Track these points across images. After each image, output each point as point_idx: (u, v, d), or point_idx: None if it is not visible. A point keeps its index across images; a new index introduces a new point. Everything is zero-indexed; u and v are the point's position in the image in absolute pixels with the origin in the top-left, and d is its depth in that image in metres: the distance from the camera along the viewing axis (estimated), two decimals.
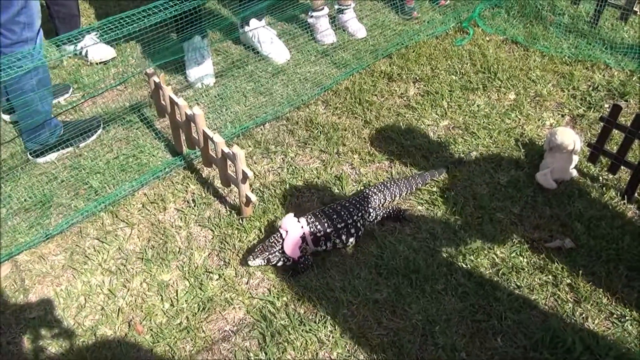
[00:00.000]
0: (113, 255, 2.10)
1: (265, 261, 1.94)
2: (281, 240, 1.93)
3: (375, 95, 2.82)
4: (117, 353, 1.79)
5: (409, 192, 2.24)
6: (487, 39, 3.18)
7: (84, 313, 1.92)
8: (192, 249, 2.10)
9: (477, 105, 2.69)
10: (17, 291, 2.01)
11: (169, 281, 2.00)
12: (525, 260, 1.97)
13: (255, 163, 2.46)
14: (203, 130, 2.13)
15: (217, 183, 2.36)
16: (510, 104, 2.69)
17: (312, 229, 1.95)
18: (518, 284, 1.90)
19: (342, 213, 2.00)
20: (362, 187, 2.27)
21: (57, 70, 3.16)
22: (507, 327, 1.77)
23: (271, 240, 1.95)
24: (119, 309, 1.92)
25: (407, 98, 2.79)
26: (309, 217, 1.99)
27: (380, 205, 2.15)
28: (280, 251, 1.94)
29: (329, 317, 1.84)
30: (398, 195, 2.20)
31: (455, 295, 1.87)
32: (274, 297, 1.91)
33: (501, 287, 1.89)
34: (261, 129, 2.66)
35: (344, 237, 2.00)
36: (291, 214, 1.99)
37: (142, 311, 1.91)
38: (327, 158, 2.46)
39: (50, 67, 3.17)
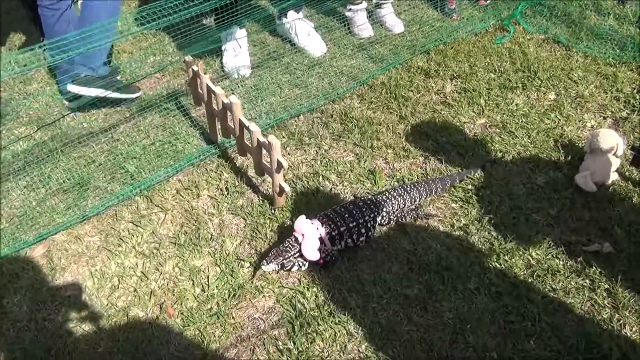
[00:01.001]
0: (147, 239, 2.13)
1: (279, 266, 1.90)
2: (296, 245, 1.89)
3: (411, 90, 2.79)
4: (148, 334, 1.81)
5: (429, 196, 2.18)
6: (528, 37, 3.12)
7: (117, 294, 1.96)
8: (224, 237, 2.12)
9: (516, 104, 2.64)
10: (54, 269, 2.05)
11: (201, 267, 2.01)
12: (561, 263, 1.93)
13: (288, 154, 2.46)
14: (239, 119, 2.14)
15: (251, 172, 2.38)
16: (550, 104, 2.63)
17: (327, 229, 1.92)
18: (553, 286, 1.86)
19: (354, 212, 1.96)
20: (382, 190, 2.21)
21: None
22: (541, 330, 1.74)
23: (286, 245, 1.90)
24: (151, 292, 1.94)
25: (444, 95, 2.76)
26: (321, 217, 1.96)
27: (399, 209, 2.10)
28: (295, 256, 1.90)
29: (358, 310, 1.83)
30: (418, 199, 2.14)
31: (488, 294, 1.84)
32: (304, 287, 1.91)
33: (535, 289, 1.85)
34: (295, 121, 2.66)
35: (355, 237, 1.96)
36: (303, 216, 1.94)
37: (173, 295, 1.93)
38: (361, 152, 2.45)
39: None
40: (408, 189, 2.12)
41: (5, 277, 2.02)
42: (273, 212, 2.18)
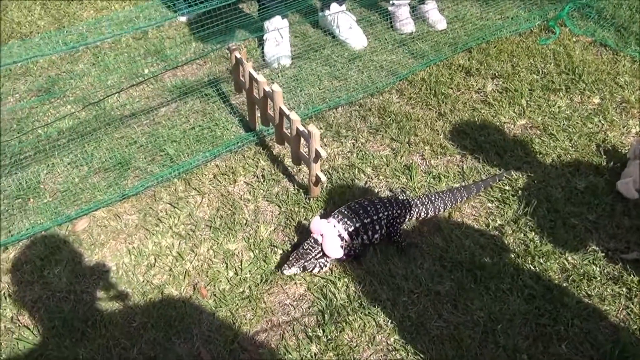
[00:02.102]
0: (183, 221, 2.18)
1: (302, 269, 1.90)
2: (316, 246, 1.89)
3: (451, 88, 2.77)
4: (181, 313, 1.86)
5: (452, 206, 2.13)
6: (574, 39, 3.06)
7: (152, 272, 2.01)
8: (258, 223, 2.15)
9: (558, 107, 2.59)
10: (93, 244, 2.12)
11: (235, 251, 2.05)
12: (598, 269, 1.90)
13: (325, 145, 2.47)
14: (280, 108, 2.16)
15: (287, 161, 2.40)
16: (594, 108, 2.58)
17: (343, 226, 1.92)
18: (589, 292, 1.83)
19: (369, 209, 1.96)
20: (407, 194, 2.19)
21: (142, 40, 3.28)
22: (574, 335, 1.71)
23: (305, 247, 1.89)
24: (185, 272, 1.99)
25: (485, 94, 2.72)
26: (336, 215, 1.95)
27: (418, 217, 2.08)
28: (317, 257, 1.89)
29: (388, 303, 1.83)
30: (442, 209, 2.10)
31: (520, 296, 1.83)
32: (335, 277, 1.92)
33: (570, 293, 1.83)
34: (333, 113, 2.67)
35: (370, 233, 1.96)
36: (317, 217, 1.94)
37: (207, 276, 1.97)
38: (398, 147, 2.44)
39: (137, 38, 3.31)
40: (433, 198, 2.09)
41: (47, 249, 2.09)
42: (308, 201, 2.20)
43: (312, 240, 1.90)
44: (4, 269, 2.04)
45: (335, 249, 1.88)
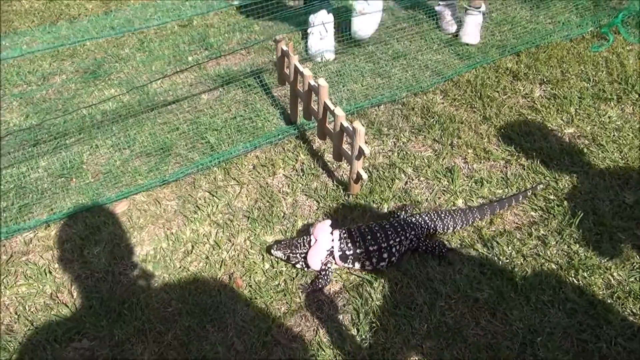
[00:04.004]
0: (221, 210, 2.19)
1: (285, 257, 1.90)
2: (307, 246, 1.87)
3: (497, 91, 2.71)
4: (216, 301, 1.86)
5: (464, 225, 2.03)
6: (628, 48, 2.96)
7: (189, 258, 2.02)
8: (296, 216, 2.14)
9: (609, 117, 2.51)
10: (132, 227, 2.14)
11: (272, 243, 2.05)
12: None
13: (366, 143, 2.44)
14: (325, 102, 2.14)
15: (327, 157, 2.38)
16: None
17: (342, 246, 1.87)
18: (634, 310, 1.76)
19: (378, 235, 1.87)
20: (414, 214, 2.05)
21: (187, 28, 3.30)
22: (617, 354, 1.66)
23: (299, 241, 1.90)
24: (222, 261, 1.99)
25: (532, 99, 2.66)
26: (343, 232, 1.90)
27: (428, 235, 1.99)
28: (302, 255, 1.88)
29: (425, 307, 1.80)
30: (452, 228, 2.01)
31: (562, 309, 1.78)
32: (371, 277, 1.90)
33: (614, 310, 1.77)
34: (375, 110, 2.64)
35: (374, 260, 1.87)
36: (328, 222, 1.90)
37: (243, 267, 1.97)
38: (440, 148, 2.40)
39: (182, 25, 3.33)
40: (443, 216, 2.00)
41: (87, 229, 2.12)
42: (347, 198, 2.18)
43: (307, 239, 1.90)
44: (45, 245, 2.08)
45: (315, 261, 1.85)
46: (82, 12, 3.66)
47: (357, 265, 1.91)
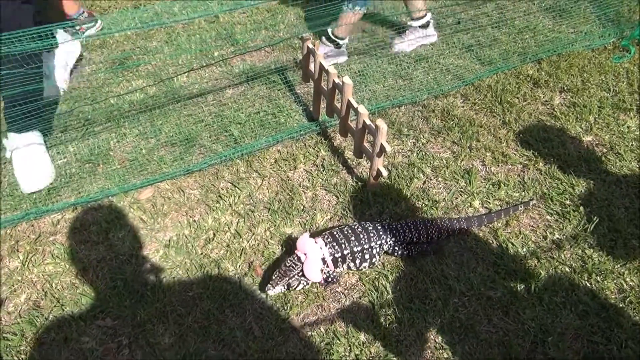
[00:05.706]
0: (243, 200, 2.25)
1: (286, 287, 1.85)
2: (299, 264, 1.84)
3: (517, 97, 2.74)
4: (235, 288, 1.92)
5: (448, 235, 2.04)
6: None
7: (210, 246, 2.08)
8: (315, 210, 2.19)
9: (628, 127, 2.54)
10: (156, 214, 2.20)
11: (291, 234, 2.10)
12: None
13: (387, 142, 2.49)
14: (348, 100, 2.19)
15: (348, 154, 2.43)
16: None
17: (330, 250, 1.87)
18: None
19: (361, 236, 1.89)
20: (398, 220, 2.09)
21: (214, 24, 3.37)
22: (627, 357, 1.69)
23: (288, 264, 1.85)
24: (242, 249, 2.05)
25: (552, 106, 2.69)
26: (326, 236, 1.90)
27: (410, 241, 1.98)
28: (300, 274, 1.85)
29: (439, 302, 1.85)
30: (436, 237, 2.02)
31: (574, 311, 1.81)
32: (387, 271, 1.95)
33: (626, 315, 1.80)
34: (396, 111, 2.69)
35: (357, 261, 1.90)
36: (307, 234, 1.89)
37: (262, 256, 2.03)
38: (459, 150, 2.44)
39: (209, 21, 3.40)
40: (427, 224, 2.01)
41: (113, 213, 2.20)
42: (365, 194, 2.23)
43: (295, 258, 1.86)
44: (72, 227, 2.15)
45: (314, 273, 1.84)
46: (112, 5, 3.74)
47: (345, 267, 1.93)
